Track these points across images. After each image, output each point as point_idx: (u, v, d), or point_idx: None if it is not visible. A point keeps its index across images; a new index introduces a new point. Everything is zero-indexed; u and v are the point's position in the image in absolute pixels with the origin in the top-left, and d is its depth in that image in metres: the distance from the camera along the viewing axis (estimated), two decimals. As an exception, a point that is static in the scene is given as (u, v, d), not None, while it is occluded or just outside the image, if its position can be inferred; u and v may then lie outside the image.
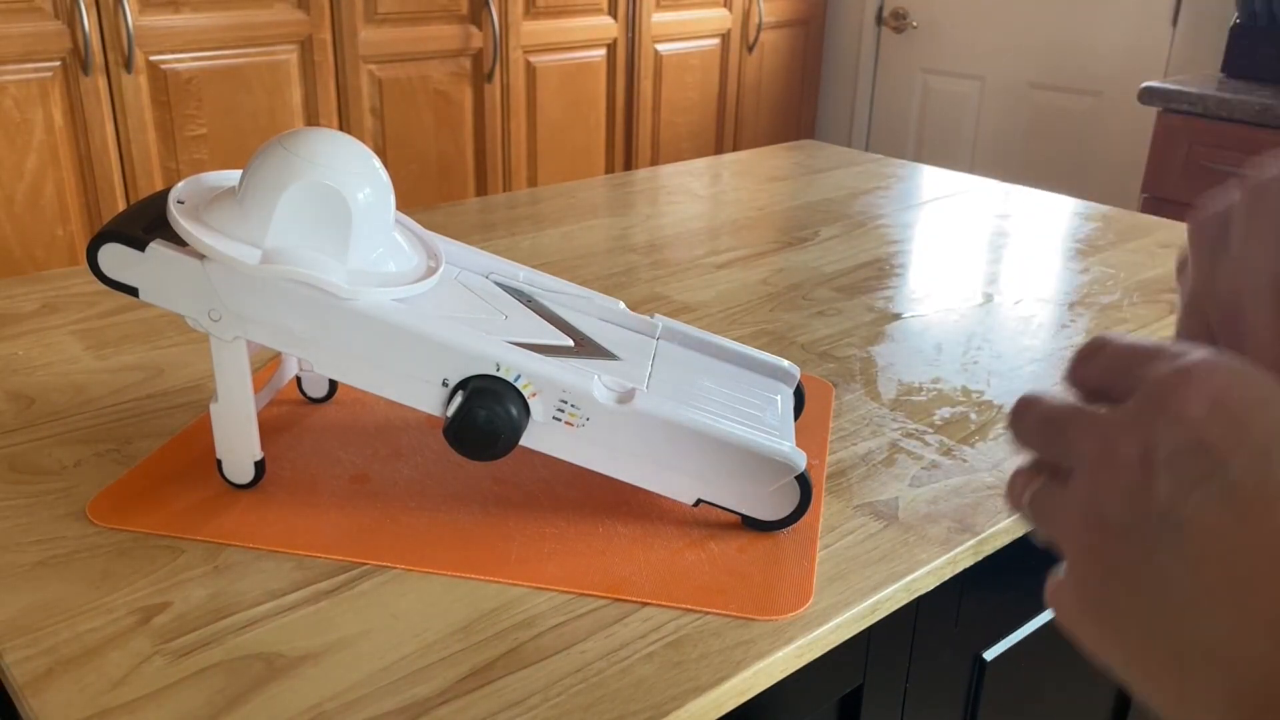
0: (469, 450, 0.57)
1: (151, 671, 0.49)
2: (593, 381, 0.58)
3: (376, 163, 0.60)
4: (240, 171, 0.60)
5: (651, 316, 0.71)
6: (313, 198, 0.57)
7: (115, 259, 0.57)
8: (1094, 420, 0.31)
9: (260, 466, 0.62)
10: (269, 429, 0.66)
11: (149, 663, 0.49)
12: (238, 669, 0.49)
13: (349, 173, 0.57)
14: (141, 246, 0.56)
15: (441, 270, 0.63)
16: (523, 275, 0.70)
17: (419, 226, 0.67)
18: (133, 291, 0.57)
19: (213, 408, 0.60)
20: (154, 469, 0.65)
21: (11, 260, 1.84)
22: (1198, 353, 0.30)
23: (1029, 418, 0.33)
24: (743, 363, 0.70)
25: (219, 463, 0.62)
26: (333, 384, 0.74)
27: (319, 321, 0.57)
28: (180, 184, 0.60)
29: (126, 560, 0.56)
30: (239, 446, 0.61)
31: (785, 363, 0.70)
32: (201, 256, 0.56)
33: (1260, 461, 0.27)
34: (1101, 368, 0.32)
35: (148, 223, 0.58)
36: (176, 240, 0.57)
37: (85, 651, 0.50)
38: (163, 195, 0.60)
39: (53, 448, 0.67)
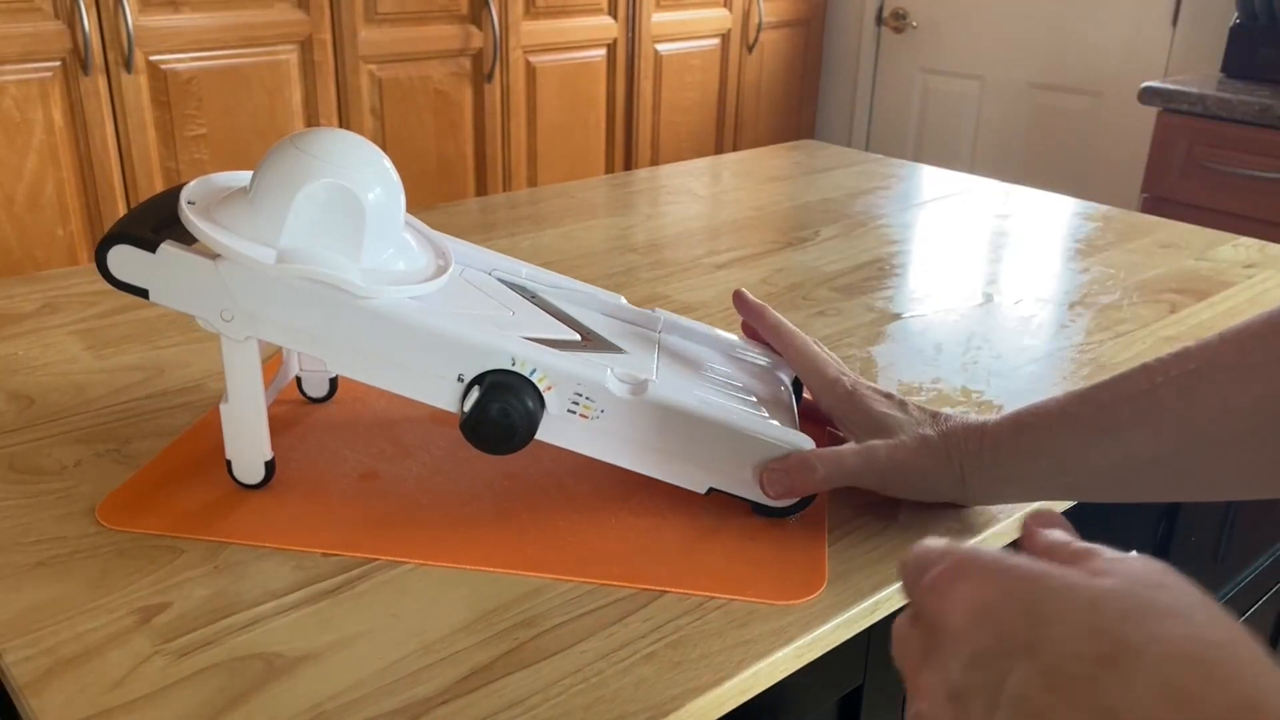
0: (486, 444, 0.57)
1: (151, 671, 0.49)
2: (606, 374, 0.58)
3: (388, 162, 0.60)
4: (249, 172, 0.60)
5: (653, 310, 0.71)
6: (327, 198, 0.56)
7: (125, 261, 0.56)
8: (908, 653, 0.31)
9: (270, 466, 0.62)
10: (272, 429, 0.66)
11: (149, 663, 0.49)
12: (238, 669, 0.49)
13: (362, 172, 0.57)
14: (152, 248, 0.56)
15: (450, 268, 0.63)
16: (525, 272, 0.70)
17: (425, 225, 0.67)
18: (143, 293, 0.57)
19: (223, 408, 0.60)
20: (161, 469, 0.65)
21: (11, 260, 1.84)
22: (948, 557, 0.30)
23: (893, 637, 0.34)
24: (744, 354, 0.71)
25: (229, 463, 0.62)
26: (333, 384, 0.74)
27: (335, 320, 0.57)
28: (190, 184, 0.60)
29: (126, 560, 0.56)
30: (250, 446, 0.61)
31: None
32: (214, 257, 0.56)
33: (1031, 661, 0.26)
34: (904, 582, 0.33)
35: (156, 223, 0.58)
36: (186, 241, 0.57)
37: (85, 651, 0.50)
38: (167, 195, 0.60)
39: (53, 448, 0.67)
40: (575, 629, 0.53)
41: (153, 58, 1.91)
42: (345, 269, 0.57)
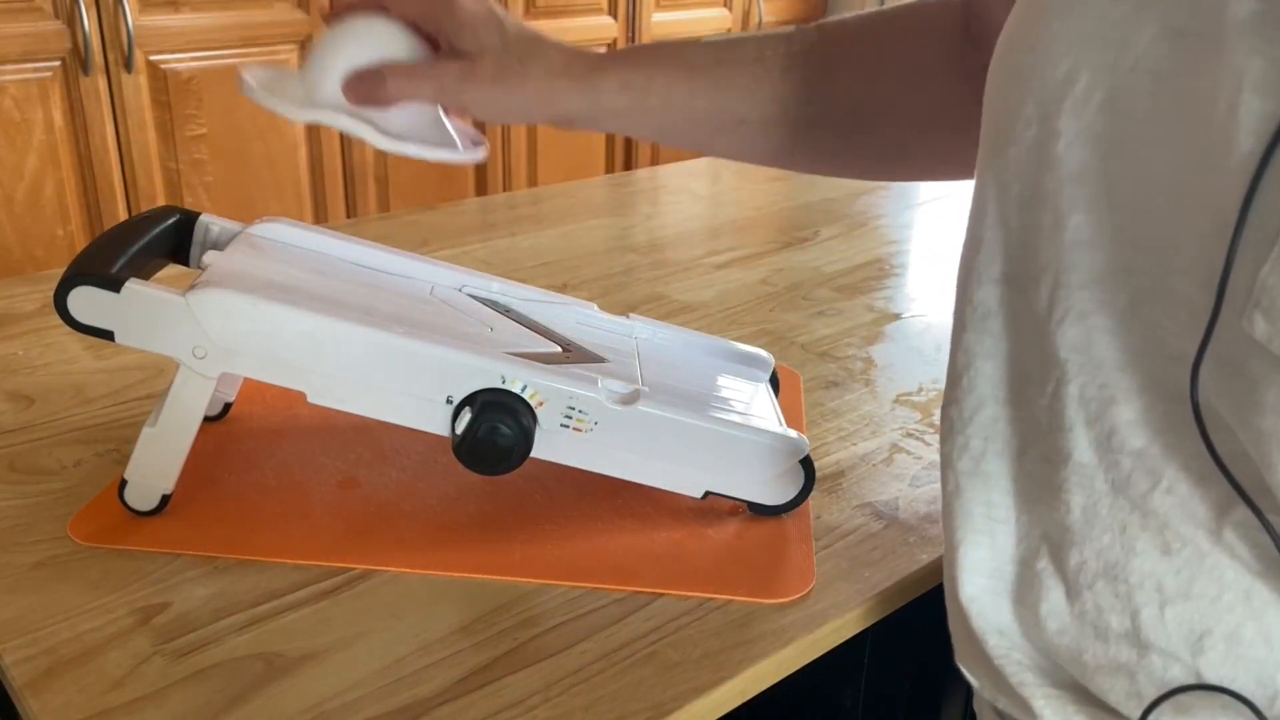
0: (482, 467, 0.56)
1: (151, 671, 0.49)
2: (598, 386, 0.58)
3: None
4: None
5: (627, 316, 0.71)
6: (353, 33, 0.58)
7: (87, 303, 0.53)
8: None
9: (166, 499, 0.59)
10: (242, 434, 0.64)
11: (149, 663, 0.49)
12: (238, 669, 0.49)
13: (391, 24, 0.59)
14: (116, 287, 0.53)
15: (434, 288, 0.62)
16: (496, 286, 0.70)
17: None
18: (107, 335, 0.54)
19: (147, 431, 0.57)
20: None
21: (11, 260, 1.84)
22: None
23: None
24: (720, 354, 0.71)
25: (122, 483, 0.58)
26: (227, 406, 0.71)
27: (313, 348, 0.55)
28: (256, 69, 0.60)
29: (126, 560, 0.56)
30: (157, 476, 0.58)
31: (762, 352, 0.72)
32: (184, 293, 0.54)
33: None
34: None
35: (118, 260, 0.55)
36: (146, 276, 0.55)
37: (85, 651, 0.50)
38: (125, 226, 0.59)
39: (53, 448, 0.67)
40: (575, 629, 0.53)
41: (153, 58, 1.91)
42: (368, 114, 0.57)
